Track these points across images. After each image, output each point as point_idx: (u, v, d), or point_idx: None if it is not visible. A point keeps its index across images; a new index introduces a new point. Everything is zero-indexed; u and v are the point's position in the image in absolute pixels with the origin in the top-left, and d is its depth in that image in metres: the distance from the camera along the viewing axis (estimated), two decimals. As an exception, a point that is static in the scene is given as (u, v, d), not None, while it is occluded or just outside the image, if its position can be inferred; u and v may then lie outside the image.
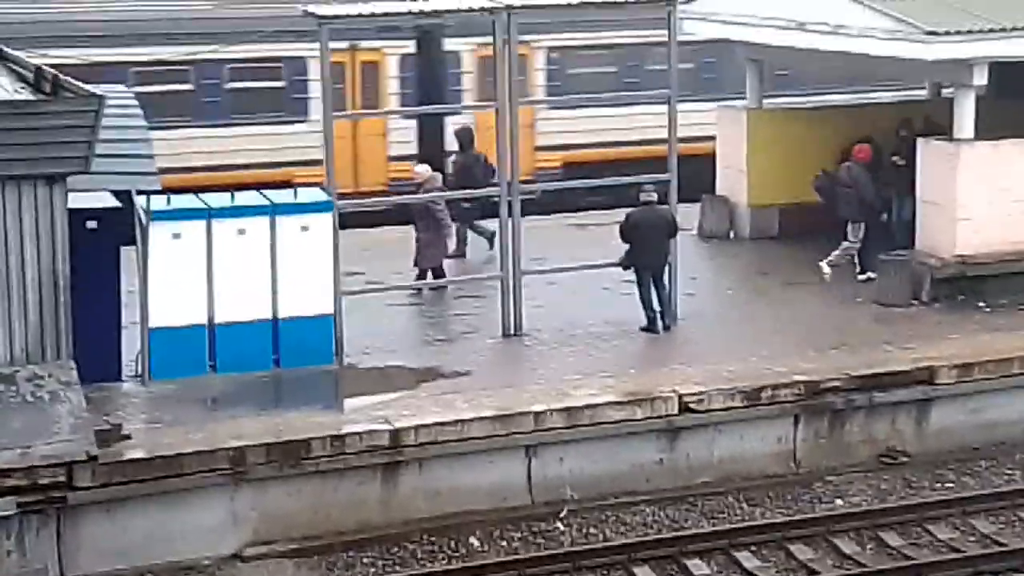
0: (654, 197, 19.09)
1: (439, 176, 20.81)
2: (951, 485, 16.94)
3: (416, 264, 20.46)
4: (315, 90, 24.82)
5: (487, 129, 23.58)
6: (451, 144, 26.22)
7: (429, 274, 20.46)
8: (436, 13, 21.21)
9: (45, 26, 25.14)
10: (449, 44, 26.71)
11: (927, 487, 16.85)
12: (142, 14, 26.64)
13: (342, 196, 18.86)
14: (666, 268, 19.09)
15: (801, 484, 16.81)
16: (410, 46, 26.63)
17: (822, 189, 21.76)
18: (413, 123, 26.90)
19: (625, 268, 19.24)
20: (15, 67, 17.69)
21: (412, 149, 26.83)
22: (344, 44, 26.02)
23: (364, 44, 26.66)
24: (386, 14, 19.41)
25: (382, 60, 27.13)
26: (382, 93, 27.12)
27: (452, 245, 21.24)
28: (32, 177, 15.46)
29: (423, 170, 20.73)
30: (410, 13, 21.00)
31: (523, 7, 18.84)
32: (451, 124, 25.38)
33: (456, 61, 27.20)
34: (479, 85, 27.25)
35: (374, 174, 26.85)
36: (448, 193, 20.53)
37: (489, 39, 19.03)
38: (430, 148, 26.66)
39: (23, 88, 16.38)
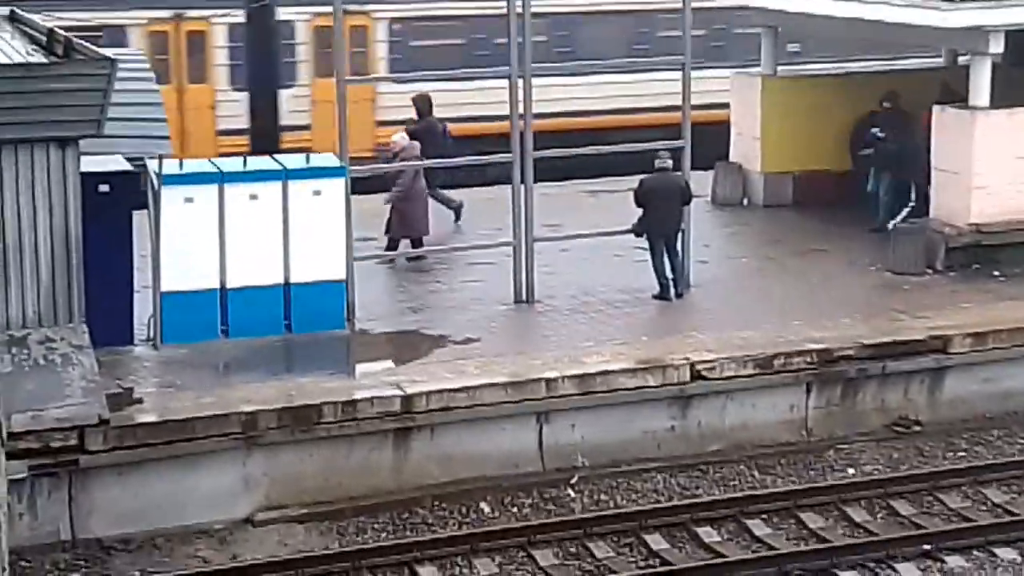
0: (668, 164, 19.03)
1: (417, 145, 20.41)
2: (963, 454, 16.90)
3: (387, 232, 20.23)
4: None
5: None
6: (286, 118, 25.73)
7: (405, 243, 20.22)
8: None
9: None
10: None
11: (939, 456, 16.82)
12: None
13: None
14: (679, 235, 19.04)
15: (813, 452, 16.79)
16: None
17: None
18: (244, 96, 26.36)
19: (638, 235, 19.19)
20: (28, 30, 17.66)
21: (243, 123, 26.22)
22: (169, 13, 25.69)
23: (190, 14, 25.95)
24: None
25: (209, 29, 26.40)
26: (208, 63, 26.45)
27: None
28: (44, 140, 15.45)
29: (400, 139, 20.44)
30: None
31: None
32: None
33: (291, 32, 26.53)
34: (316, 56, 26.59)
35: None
36: (452, 160, 20.32)
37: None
38: (262, 121, 26.09)
39: (35, 51, 16.35)
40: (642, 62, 25.40)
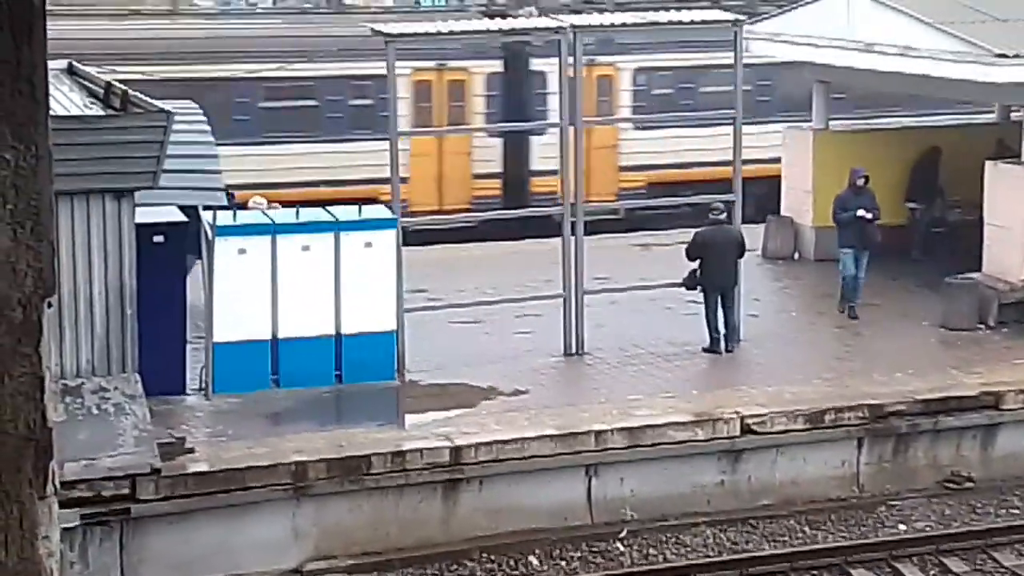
0: (723, 216, 19.03)
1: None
2: (1016, 511, 16.73)
3: None
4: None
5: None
6: (537, 163, 26.39)
7: None
8: (506, 32, 21.22)
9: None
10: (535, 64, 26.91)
11: (992, 513, 16.66)
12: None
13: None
14: (735, 289, 18.98)
15: (864, 508, 16.67)
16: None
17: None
18: (499, 141, 27.31)
19: (689, 288, 19.15)
20: (86, 83, 17.89)
21: (497, 167, 27.26)
22: (432, 63, 26.46)
23: (451, 64, 26.92)
24: (451, 33, 19.44)
25: (469, 79, 27.29)
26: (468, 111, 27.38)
27: None
28: (100, 191, 15.62)
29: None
30: (483, 32, 21.02)
31: (588, 27, 18.86)
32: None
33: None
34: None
35: (458, 192, 27.10)
36: (507, 212, 20.44)
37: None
38: (514, 166, 26.81)
39: (93, 103, 16.57)
40: (692, 116, 25.57)
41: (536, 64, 26.95)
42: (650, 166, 27.93)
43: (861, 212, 20.08)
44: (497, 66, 27.35)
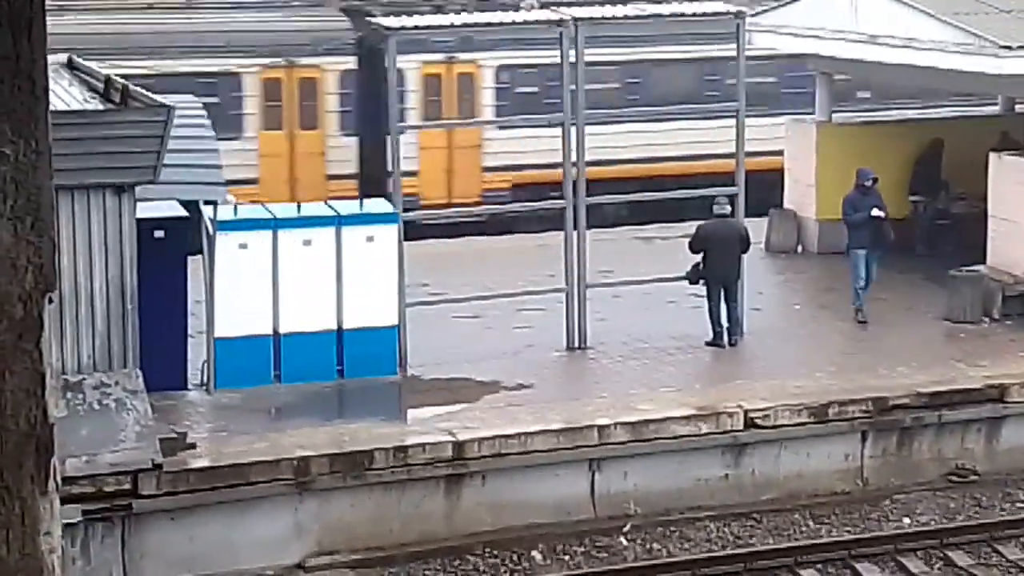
0: (727, 210, 18.97)
1: None
2: (1021, 505, 16.69)
3: None
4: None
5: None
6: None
7: None
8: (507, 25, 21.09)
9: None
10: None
11: (996, 506, 16.62)
12: None
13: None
14: (737, 282, 18.92)
15: (868, 502, 16.63)
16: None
17: None
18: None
19: (692, 282, 19.10)
20: (86, 77, 17.84)
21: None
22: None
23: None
24: (452, 26, 19.38)
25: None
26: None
27: None
28: (101, 186, 15.56)
29: None
30: (484, 25, 20.86)
31: (590, 20, 18.80)
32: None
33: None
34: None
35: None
36: (515, 206, 20.43)
37: None
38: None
39: (93, 98, 16.51)
40: (694, 110, 25.36)
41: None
42: (514, 166, 26.80)
43: (875, 212, 19.63)
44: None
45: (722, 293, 18.79)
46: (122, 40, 25.07)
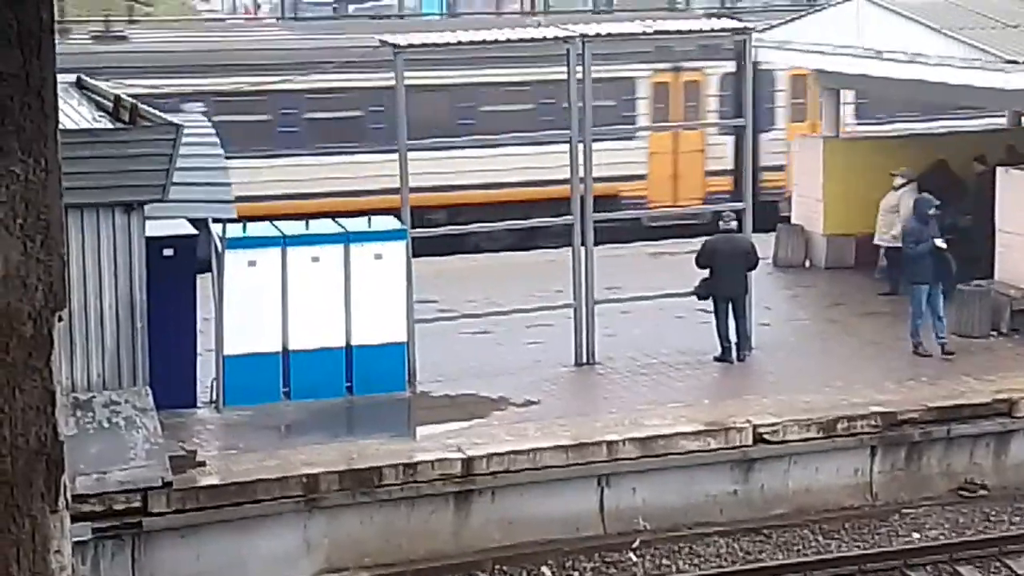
0: (734, 225, 18.99)
1: None
2: (1031, 519, 16.68)
3: None
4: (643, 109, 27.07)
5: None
6: (764, 159, 27.14)
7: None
8: (514, 42, 20.96)
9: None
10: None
11: (1006, 521, 16.59)
12: None
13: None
14: (745, 298, 18.92)
15: (877, 517, 16.61)
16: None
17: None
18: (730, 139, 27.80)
19: (700, 297, 19.11)
20: (95, 96, 17.92)
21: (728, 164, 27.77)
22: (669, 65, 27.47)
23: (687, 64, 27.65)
24: (471, 43, 19.29)
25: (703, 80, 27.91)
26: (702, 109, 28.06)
27: None
28: (110, 205, 15.62)
29: None
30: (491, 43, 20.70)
31: (597, 37, 18.85)
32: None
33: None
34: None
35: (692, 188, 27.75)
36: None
37: None
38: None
39: (102, 117, 16.58)
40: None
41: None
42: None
43: (939, 242, 18.80)
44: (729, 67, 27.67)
45: (729, 308, 18.80)
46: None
